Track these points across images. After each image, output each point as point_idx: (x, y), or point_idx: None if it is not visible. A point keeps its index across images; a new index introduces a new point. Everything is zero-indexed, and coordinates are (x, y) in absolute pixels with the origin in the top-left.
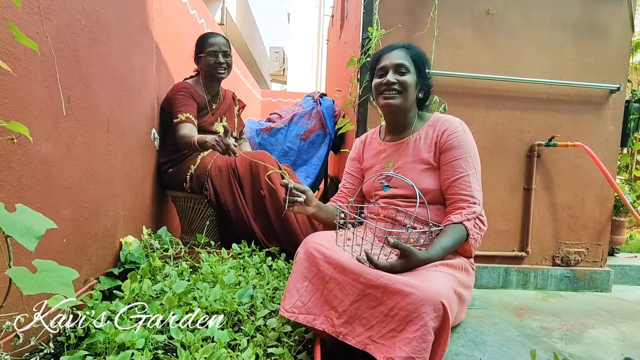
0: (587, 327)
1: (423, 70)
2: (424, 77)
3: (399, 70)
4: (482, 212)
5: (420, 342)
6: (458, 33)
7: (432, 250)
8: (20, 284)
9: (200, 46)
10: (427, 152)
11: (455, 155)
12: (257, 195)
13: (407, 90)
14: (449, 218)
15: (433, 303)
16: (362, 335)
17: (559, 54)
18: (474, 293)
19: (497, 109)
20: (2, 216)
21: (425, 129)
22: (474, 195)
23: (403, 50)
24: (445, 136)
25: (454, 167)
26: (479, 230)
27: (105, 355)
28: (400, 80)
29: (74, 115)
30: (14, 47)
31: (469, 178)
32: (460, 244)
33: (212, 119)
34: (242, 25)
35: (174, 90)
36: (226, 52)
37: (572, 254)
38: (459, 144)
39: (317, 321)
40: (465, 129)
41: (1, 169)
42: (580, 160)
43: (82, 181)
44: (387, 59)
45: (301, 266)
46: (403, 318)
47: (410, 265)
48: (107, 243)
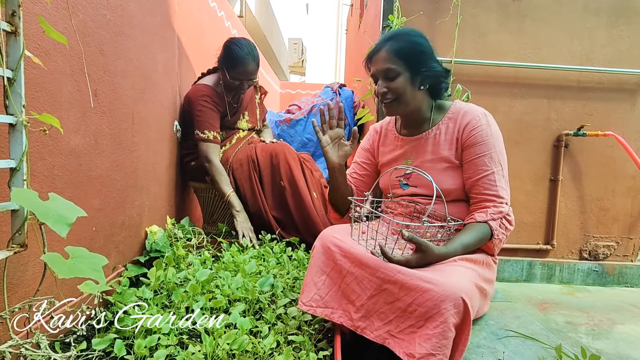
0: (616, 322)
1: (416, 62)
2: (420, 70)
3: (387, 76)
4: (509, 212)
5: (441, 338)
6: (482, 20)
7: (451, 246)
8: (55, 268)
9: (229, 62)
10: (448, 149)
11: (479, 152)
12: (276, 186)
13: (403, 95)
14: (472, 216)
15: (453, 299)
16: (380, 330)
17: (591, 39)
18: (495, 286)
19: (522, 97)
20: (37, 204)
21: (446, 122)
22: (500, 194)
23: (387, 50)
24: (467, 131)
25: (478, 165)
26: (504, 231)
27: (133, 338)
28: (391, 87)
29: (100, 108)
30: (44, 41)
31: (494, 176)
32: (483, 243)
33: (236, 117)
34: (261, 17)
35: (197, 96)
36: (252, 79)
37: (601, 248)
38: (482, 139)
39: (335, 315)
40: (490, 120)
41: (34, 160)
42: (611, 150)
43: (109, 172)
44: (374, 65)
45: (318, 260)
46: (422, 314)
47: (426, 260)
48: (133, 232)
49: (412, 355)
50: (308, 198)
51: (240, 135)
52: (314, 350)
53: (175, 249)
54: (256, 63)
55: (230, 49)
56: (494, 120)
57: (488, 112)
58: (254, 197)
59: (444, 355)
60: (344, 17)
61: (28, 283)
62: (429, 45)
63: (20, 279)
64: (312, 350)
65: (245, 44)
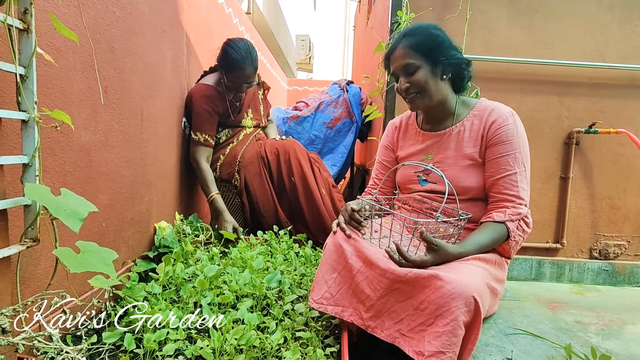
0: (627, 322)
1: (434, 53)
2: (440, 60)
3: (408, 71)
4: (528, 214)
5: (450, 336)
6: (492, 15)
7: (467, 246)
8: (67, 262)
9: (227, 66)
10: (473, 147)
11: (503, 151)
12: (287, 182)
13: (425, 87)
14: (490, 215)
15: (464, 297)
16: (390, 329)
17: (603, 35)
18: (504, 285)
19: (533, 94)
20: (50, 199)
21: (471, 119)
22: (521, 195)
23: (404, 46)
24: (493, 129)
25: (500, 164)
26: (521, 233)
27: (142, 332)
28: (412, 81)
29: (110, 105)
30: (55, 39)
31: (516, 177)
32: (498, 244)
33: (240, 116)
34: (268, 14)
35: (197, 97)
36: (250, 82)
37: (612, 247)
38: (507, 138)
39: (345, 313)
40: (517, 120)
41: (46, 155)
42: (623, 148)
43: (118, 168)
44: (393, 63)
45: (329, 258)
46: (433, 312)
47: (441, 260)
48: (142, 227)
49: (421, 353)
50: (318, 195)
51: (247, 131)
52: (321, 346)
53: (183, 245)
54: (254, 66)
55: (227, 52)
56: (520, 121)
57: (515, 112)
58: (264, 194)
59: (453, 353)
60: (352, 14)
61: (40, 277)
62: (446, 35)
63: (32, 272)
64: (319, 346)
65: (243, 47)
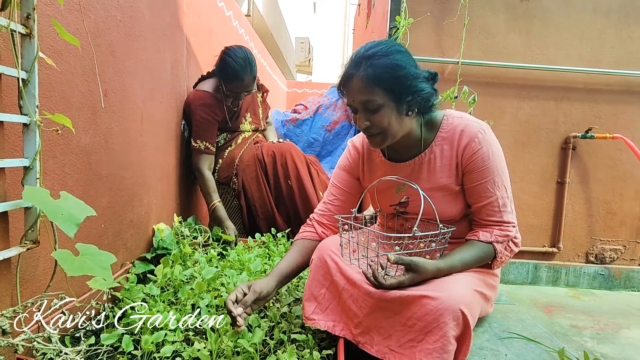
0: (622, 327)
1: (399, 87)
2: (405, 99)
3: (367, 108)
4: (516, 234)
5: (442, 352)
6: (490, 21)
7: (450, 262)
8: (65, 265)
9: (225, 75)
10: (447, 177)
11: (480, 178)
12: (282, 186)
13: (388, 127)
14: (476, 233)
15: (452, 312)
16: (380, 344)
17: (600, 40)
18: (500, 288)
19: (530, 99)
20: (47, 203)
21: (440, 144)
22: (505, 219)
23: (362, 78)
24: (467, 155)
25: (480, 192)
26: (509, 253)
27: (140, 334)
28: (374, 120)
29: (110, 108)
30: (56, 42)
31: (497, 202)
32: (483, 263)
33: (238, 122)
34: (268, 17)
35: (196, 104)
36: (249, 91)
37: (608, 251)
38: (483, 163)
39: (337, 328)
40: (487, 137)
41: (47, 158)
42: (619, 153)
43: (118, 170)
44: (350, 95)
45: (317, 273)
46: (422, 328)
47: (420, 278)
48: (141, 229)
49: None
50: (315, 198)
51: (245, 135)
52: (317, 349)
53: (181, 247)
54: (252, 75)
55: (226, 62)
56: (492, 133)
57: (485, 125)
58: (261, 197)
59: None
60: (351, 17)
61: (39, 278)
62: (411, 60)
63: (32, 274)
64: (315, 349)
65: (242, 56)
